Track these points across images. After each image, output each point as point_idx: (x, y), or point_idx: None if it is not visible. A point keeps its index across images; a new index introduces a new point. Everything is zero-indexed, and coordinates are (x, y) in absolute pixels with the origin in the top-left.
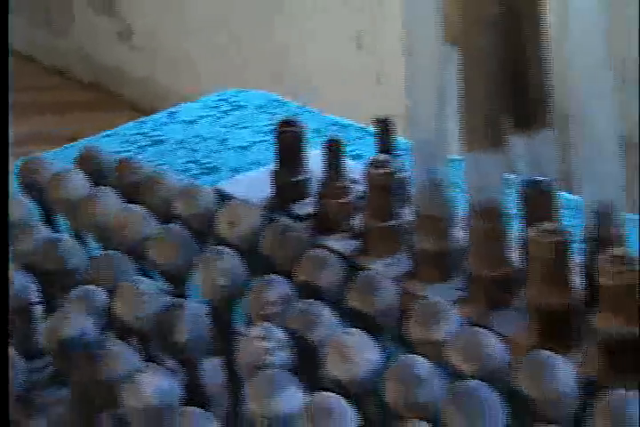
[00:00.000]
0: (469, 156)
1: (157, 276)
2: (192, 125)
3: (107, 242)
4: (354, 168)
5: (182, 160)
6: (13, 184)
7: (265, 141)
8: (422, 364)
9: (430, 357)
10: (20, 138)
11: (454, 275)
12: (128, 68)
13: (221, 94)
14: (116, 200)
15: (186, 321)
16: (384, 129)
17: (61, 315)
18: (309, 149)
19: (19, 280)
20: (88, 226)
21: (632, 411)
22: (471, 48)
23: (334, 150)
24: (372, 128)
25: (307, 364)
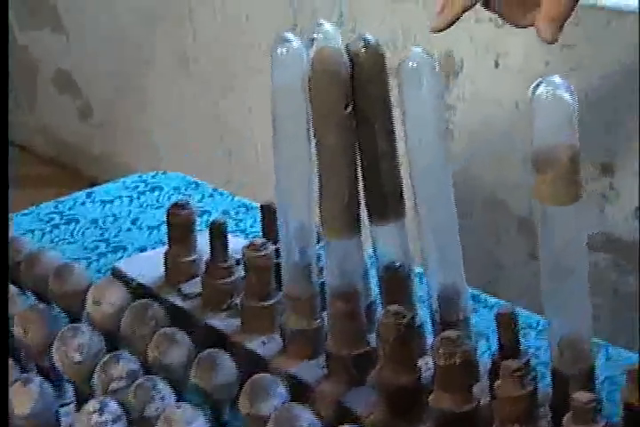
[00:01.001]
0: (327, 243)
1: None
2: (108, 205)
3: None
4: None
5: (93, 239)
6: None
7: None
8: None
9: None
10: None
11: (321, 353)
12: (87, 145)
13: (142, 176)
14: None
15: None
16: (267, 214)
17: None
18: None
19: None
20: None
21: None
22: (323, 144)
23: (218, 232)
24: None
25: None
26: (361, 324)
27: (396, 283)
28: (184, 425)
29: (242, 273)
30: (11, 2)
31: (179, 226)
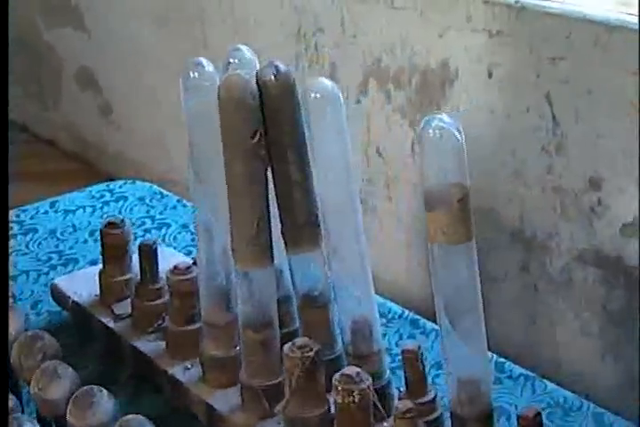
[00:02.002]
0: (237, 271)
1: None
2: (70, 215)
3: None
4: None
5: (47, 250)
6: None
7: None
8: None
9: None
10: None
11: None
12: (106, 142)
13: (109, 185)
14: None
15: None
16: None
17: None
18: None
19: None
20: None
21: None
22: (231, 172)
23: (147, 253)
24: None
25: None
26: (273, 354)
27: (314, 312)
28: None
29: None
30: (35, 0)
31: (111, 246)
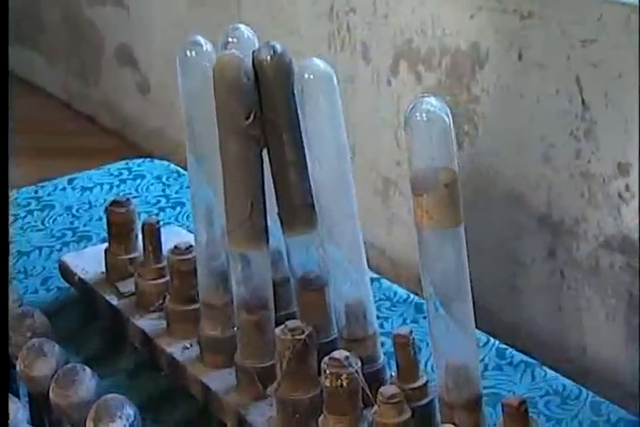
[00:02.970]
0: (231, 252)
1: None
2: (87, 192)
3: None
4: None
5: (62, 226)
6: None
7: (148, 212)
8: None
9: None
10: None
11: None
12: (144, 119)
13: (128, 163)
14: None
15: None
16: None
17: None
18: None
19: None
20: None
21: None
22: (225, 153)
23: (150, 232)
24: None
25: None
26: (268, 336)
27: (310, 295)
28: None
29: None
30: None
31: (117, 224)
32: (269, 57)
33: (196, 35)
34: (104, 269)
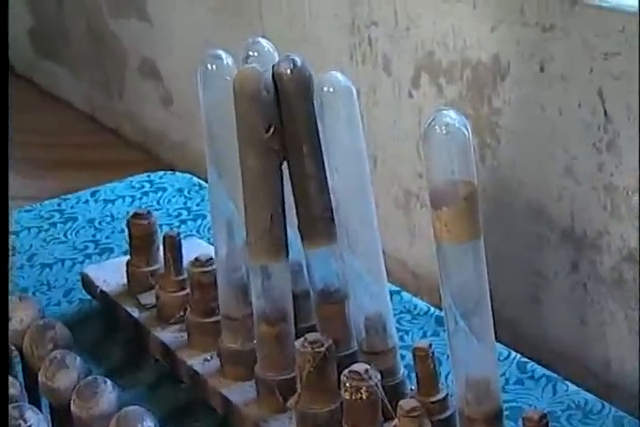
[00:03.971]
0: (251, 265)
1: None
2: (109, 205)
3: None
4: None
5: (84, 239)
6: None
7: (169, 225)
8: None
9: None
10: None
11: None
12: (167, 132)
13: (150, 175)
14: None
15: None
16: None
17: None
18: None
19: None
20: None
21: None
22: (245, 166)
23: (170, 245)
24: None
25: None
26: (288, 348)
27: (330, 308)
28: None
29: None
30: None
31: (138, 236)
32: (289, 70)
33: (217, 48)
34: (125, 281)
